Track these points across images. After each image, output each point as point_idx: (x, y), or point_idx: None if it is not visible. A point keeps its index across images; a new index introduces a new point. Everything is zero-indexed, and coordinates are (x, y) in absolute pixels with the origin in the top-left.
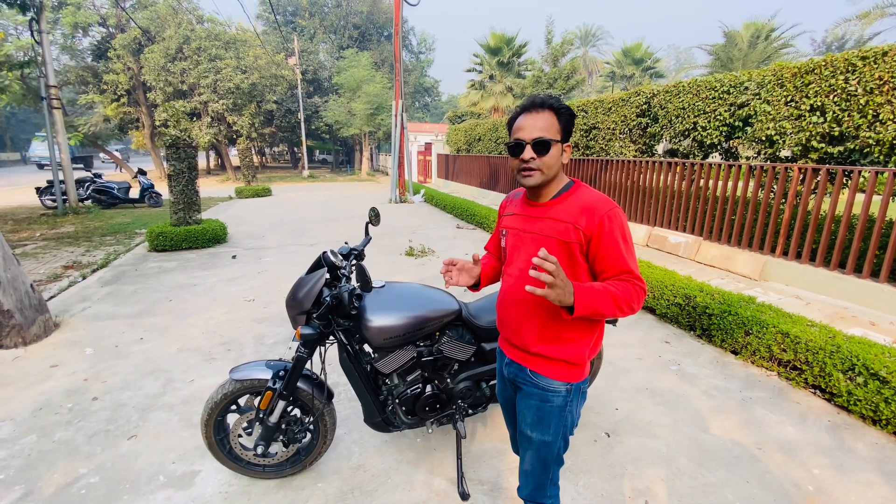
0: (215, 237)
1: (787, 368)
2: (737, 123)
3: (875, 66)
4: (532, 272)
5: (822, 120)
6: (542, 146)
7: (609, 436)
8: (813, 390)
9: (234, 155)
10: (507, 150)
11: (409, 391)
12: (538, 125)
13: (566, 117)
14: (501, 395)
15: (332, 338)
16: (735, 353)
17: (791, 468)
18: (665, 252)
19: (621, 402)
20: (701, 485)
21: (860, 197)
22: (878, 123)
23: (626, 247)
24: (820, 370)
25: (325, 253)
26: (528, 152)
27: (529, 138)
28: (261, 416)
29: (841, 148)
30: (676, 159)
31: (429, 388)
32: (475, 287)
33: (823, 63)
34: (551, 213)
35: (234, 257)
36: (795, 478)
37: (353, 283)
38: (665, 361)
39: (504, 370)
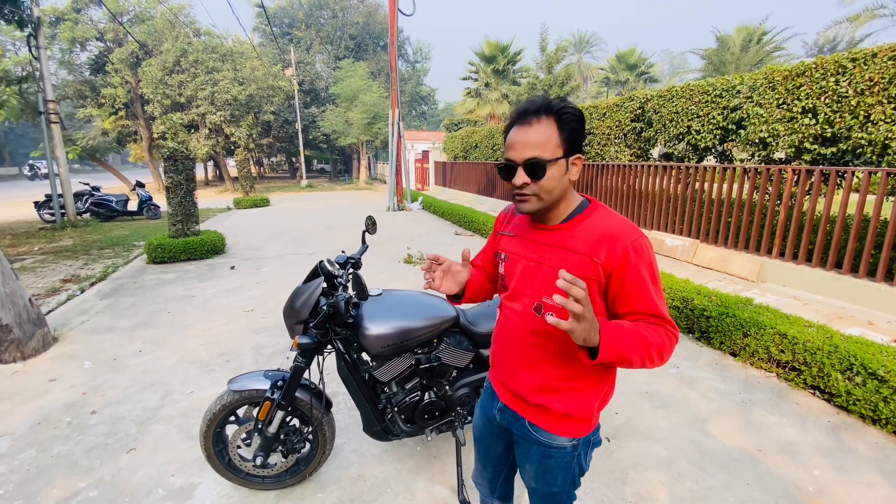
0: (214, 248)
1: (786, 369)
2: (730, 126)
3: (865, 67)
4: (557, 298)
5: (814, 122)
6: (535, 168)
7: (609, 440)
8: (812, 391)
9: (232, 166)
10: (499, 173)
11: (407, 399)
12: (531, 141)
13: (570, 124)
14: (480, 429)
15: (330, 347)
16: (734, 354)
17: (792, 469)
18: (663, 255)
19: (621, 407)
20: (702, 488)
21: (854, 197)
22: (869, 124)
23: (655, 285)
24: (818, 370)
25: (321, 262)
26: (521, 176)
27: (520, 159)
28: (259, 426)
29: (834, 149)
30: (671, 163)
31: (427, 395)
32: (457, 298)
33: (814, 66)
34: (563, 240)
35: (232, 268)
36: (796, 479)
37: (350, 291)
38: (664, 365)
39: (496, 413)
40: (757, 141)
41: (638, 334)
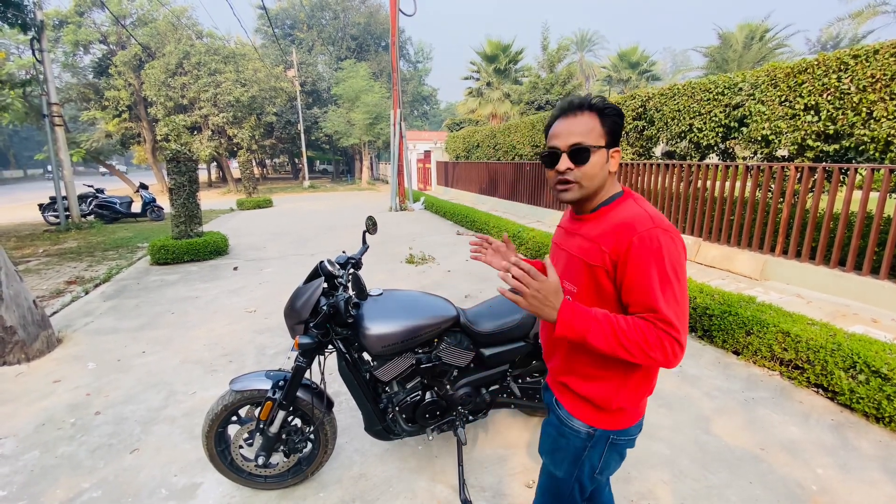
0: (217, 249)
1: (789, 368)
2: (732, 124)
3: (867, 64)
4: (500, 273)
5: (816, 119)
6: (580, 154)
7: None
8: (815, 389)
9: (234, 167)
10: (542, 161)
11: (408, 398)
12: (576, 130)
13: (612, 118)
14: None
15: (331, 347)
16: (737, 353)
17: (794, 468)
18: None
19: None
20: (704, 486)
21: (857, 194)
22: (872, 121)
23: (663, 281)
24: (821, 369)
25: (322, 262)
26: (564, 162)
27: (565, 146)
28: (261, 426)
29: (836, 146)
30: (674, 161)
31: (428, 394)
32: None
33: (816, 62)
34: (585, 228)
35: (235, 269)
36: (799, 478)
37: (350, 291)
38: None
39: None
40: (759, 138)
41: (608, 322)
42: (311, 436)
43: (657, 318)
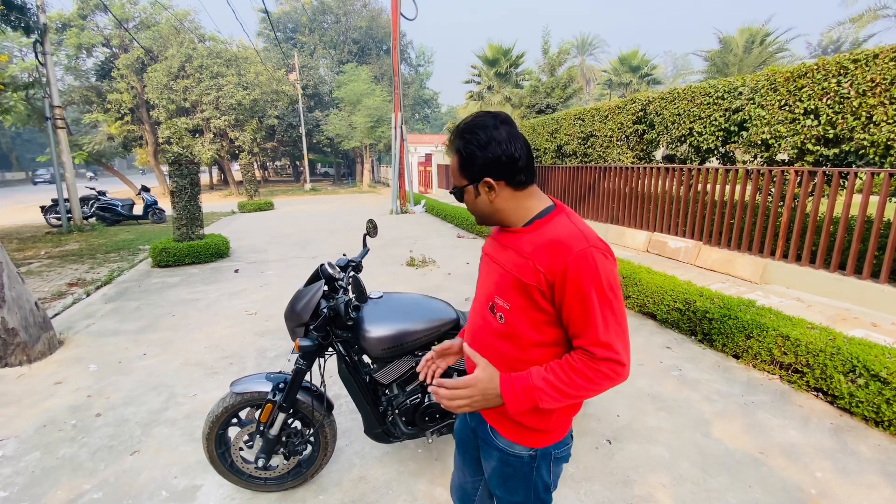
0: (218, 252)
1: (789, 371)
2: (732, 128)
3: (867, 68)
4: (431, 389)
5: (816, 123)
6: (459, 195)
7: (610, 443)
8: (815, 393)
9: (236, 170)
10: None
11: (408, 401)
12: (452, 169)
13: (461, 154)
14: (460, 432)
15: (331, 349)
16: (736, 357)
17: (794, 472)
18: (665, 257)
19: (623, 409)
20: (703, 490)
21: (857, 198)
22: (871, 125)
23: (603, 303)
24: (821, 373)
25: (322, 265)
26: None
27: (451, 186)
28: (261, 428)
29: (836, 150)
30: (674, 164)
31: (428, 397)
32: None
33: (815, 67)
34: (519, 243)
35: (236, 271)
36: (798, 481)
37: (350, 294)
38: (666, 367)
39: (468, 416)
40: (759, 142)
41: (549, 384)
42: (311, 438)
43: (598, 345)
